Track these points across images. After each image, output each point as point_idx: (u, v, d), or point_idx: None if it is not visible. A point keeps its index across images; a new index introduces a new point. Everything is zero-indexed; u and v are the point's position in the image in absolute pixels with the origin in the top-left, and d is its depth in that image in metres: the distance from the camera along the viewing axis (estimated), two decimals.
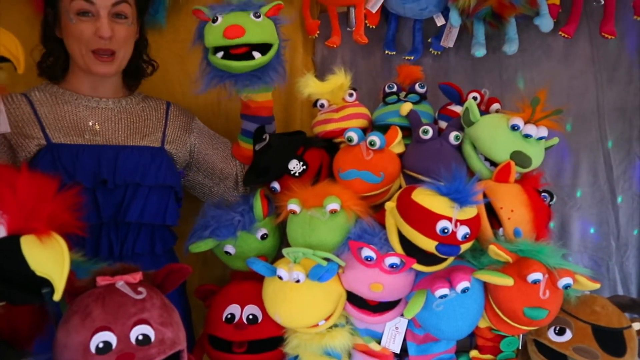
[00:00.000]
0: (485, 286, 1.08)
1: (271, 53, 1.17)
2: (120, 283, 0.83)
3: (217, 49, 1.15)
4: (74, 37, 1.15)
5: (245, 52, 1.14)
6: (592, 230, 1.53)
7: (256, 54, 1.14)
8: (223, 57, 1.14)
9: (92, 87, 1.23)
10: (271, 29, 1.17)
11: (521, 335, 1.15)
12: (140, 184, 1.17)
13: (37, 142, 1.14)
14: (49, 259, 0.77)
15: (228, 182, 1.36)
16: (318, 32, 1.56)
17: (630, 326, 1.09)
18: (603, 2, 1.38)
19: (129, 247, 1.16)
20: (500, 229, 1.10)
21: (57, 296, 0.76)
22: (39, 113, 1.17)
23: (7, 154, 1.14)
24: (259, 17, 1.14)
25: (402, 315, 1.12)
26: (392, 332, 1.15)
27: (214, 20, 1.14)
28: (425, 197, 1.00)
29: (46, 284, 0.78)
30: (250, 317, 1.13)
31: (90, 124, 1.20)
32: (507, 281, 1.01)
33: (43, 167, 1.10)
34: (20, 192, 0.80)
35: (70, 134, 1.17)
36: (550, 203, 1.17)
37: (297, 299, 1.03)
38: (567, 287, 1.01)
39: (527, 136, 1.13)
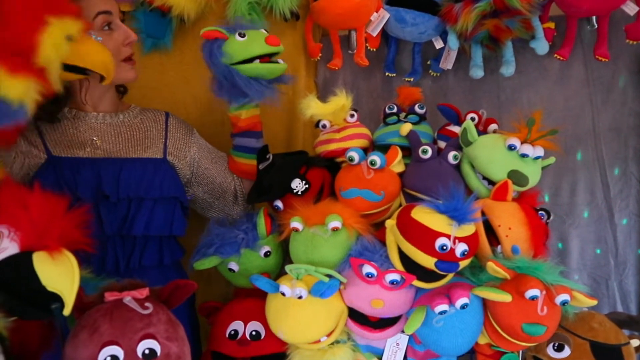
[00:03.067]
0: (484, 303, 1.10)
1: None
2: (127, 298, 0.85)
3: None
4: None
5: (268, 61, 1.22)
6: (598, 251, 1.54)
7: (280, 61, 1.25)
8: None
9: (92, 104, 1.24)
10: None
11: (521, 352, 1.16)
12: (145, 198, 1.18)
13: (38, 156, 1.15)
14: (60, 274, 0.80)
15: (227, 197, 1.38)
16: (320, 54, 1.60)
17: (628, 343, 1.10)
18: (596, 26, 1.42)
19: (135, 261, 1.17)
20: (499, 247, 1.12)
21: (67, 311, 0.79)
22: (41, 128, 1.18)
23: (8, 159, 1.15)
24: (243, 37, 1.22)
25: (402, 331, 1.14)
26: (393, 348, 1.17)
27: (242, 35, 1.20)
28: (425, 215, 1.03)
29: (55, 299, 0.81)
30: (254, 333, 1.15)
31: (92, 138, 1.21)
32: (505, 297, 1.03)
33: (45, 181, 1.10)
34: (32, 211, 0.84)
35: (71, 148, 1.18)
36: (547, 221, 1.20)
37: (300, 315, 1.05)
38: (564, 303, 1.03)
39: (523, 156, 1.16)
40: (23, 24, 0.90)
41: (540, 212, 1.19)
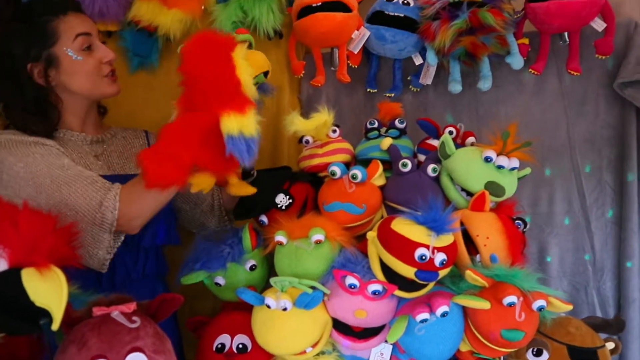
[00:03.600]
0: (465, 310, 1.13)
1: None
2: (115, 313, 0.87)
3: None
4: (83, 72, 1.19)
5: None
6: (587, 257, 1.58)
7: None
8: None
9: (78, 124, 1.26)
10: None
11: (501, 358, 1.19)
12: None
13: None
14: (48, 290, 0.81)
15: (204, 207, 1.40)
16: (303, 72, 1.64)
17: (603, 346, 1.14)
18: (568, 42, 1.48)
19: (140, 270, 1.23)
20: (478, 256, 1.16)
21: (55, 326, 0.80)
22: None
23: None
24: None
25: (386, 341, 1.16)
26: (378, 357, 1.19)
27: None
28: (404, 227, 1.06)
29: (44, 314, 0.83)
30: (240, 346, 1.16)
31: (91, 158, 1.24)
32: (484, 305, 1.06)
33: None
34: (21, 227, 0.85)
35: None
36: (524, 230, 1.23)
37: (285, 327, 1.07)
38: (541, 309, 1.06)
39: (499, 167, 1.20)
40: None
41: (517, 221, 1.22)
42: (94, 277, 1.17)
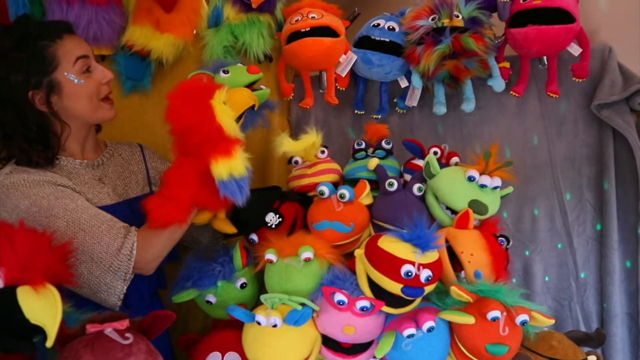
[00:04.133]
0: (451, 325, 1.16)
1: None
2: (108, 330, 0.89)
3: None
4: (85, 95, 1.19)
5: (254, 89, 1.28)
6: (570, 273, 1.62)
7: (262, 86, 1.30)
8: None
9: (80, 149, 1.27)
10: None
11: None
12: None
13: None
14: (43, 308, 0.83)
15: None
16: (293, 94, 1.68)
17: (585, 359, 1.17)
18: (547, 65, 1.54)
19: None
20: (462, 272, 1.19)
21: (49, 343, 0.82)
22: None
23: None
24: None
25: (374, 356, 1.18)
26: None
27: (225, 72, 1.26)
28: (390, 244, 1.10)
29: (38, 332, 0.85)
30: None
31: (87, 187, 1.22)
32: (469, 320, 1.09)
33: None
34: (17, 246, 0.87)
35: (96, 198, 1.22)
36: (507, 247, 1.27)
37: (275, 343, 1.09)
38: (524, 323, 1.09)
39: (482, 186, 1.24)
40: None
41: (500, 238, 1.26)
42: None
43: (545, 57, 1.54)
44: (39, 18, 1.46)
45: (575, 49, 1.47)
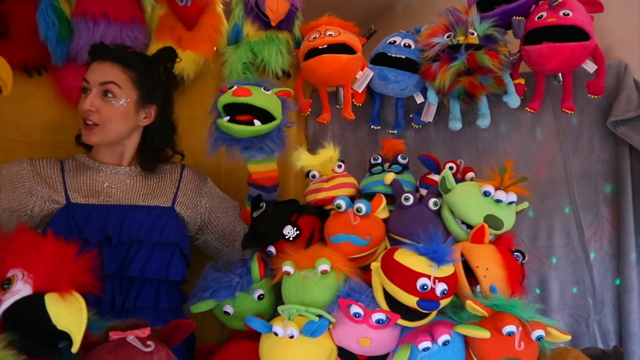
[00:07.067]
0: (466, 340, 1.16)
1: (271, 124, 1.30)
2: (130, 337, 0.92)
3: (226, 113, 1.30)
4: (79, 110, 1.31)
5: (248, 120, 1.28)
6: (575, 290, 1.61)
7: (257, 122, 1.28)
8: (228, 121, 1.28)
9: (110, 157, 1.37)
10: (277, 104, 1.32)
11: None
12: (144, 241, 1.26)
13: (57, 200, 1.27)
14: (70, 314, 0.87)
15: (237, 244, 1.45)
16: (310, 109, 1.71)
17: None
18: (562, 81, 1.55)
19: (131, 301, 1.24)
20: (478, 286, 1.20)
21: (75, 348, 0.85)
22: (66, 178, 1.31)
23: (22, 193, 1.27)
24: (267, 90, 1.31)
25: None
26: None
27: (230, 88, 1.30)
28: (406, 257, 1.11)
29: (63, 338, 0.87)
30: None
31: (105, 185, 1.32)
32: (484, 334, 1.09)
33: (59, 223, 1.23)
34: (44, 255, 0.92)
35: (87, 196, 1.29)
36: (523, 262, 1.27)
37: (292, 354, 1.10)
38: (539, 338, 1.09)
39: (498, 201, 1.25)
40: None
41: (515, 253, 1.27)
42: (108, 303, 1.21)
43: (560, 74, 1.55)
44: (67, 36, 1.52)
45: (590, 66, 1.49)
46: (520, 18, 1.54)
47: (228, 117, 1.29)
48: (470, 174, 1.41)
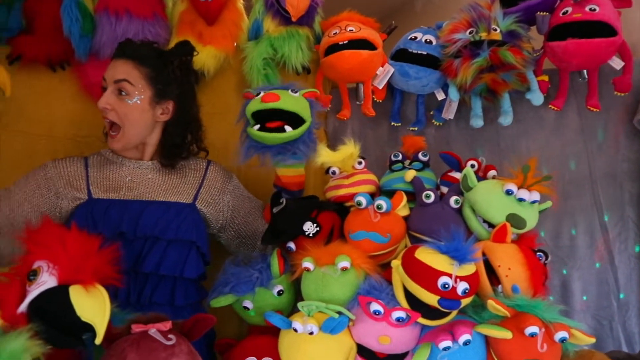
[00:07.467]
0: (487, 340, 1.14)
1: (302, 128, 1.29)
2: (152, 330, 0.92)
3: (255, 121, 1.29)
4: None
5: (278, 126, 1.27)
6: (598, 292, 1.59)
7: (288, 128, 1.28)
8: (259, 130, 1.28)
9: (132, 152, 1.37)
10: (305, 105, 1.31)
11: None
12: (159, 238, 1.27)
13: (80, 197, 1.29)
14: (93, 306, 0.88)
15: (259, 245, 1.45)
16: (330, 105, 1.70)
17: None
18: (587, 78, 1.52)
19: (146, 297, 1.25)
20: (499, 286, 1.18)
21: (98, 340, 0.86)
22: (89, 173, 1.33)
23: (49, 198, 1.30)
24: (295, 92, 1.31)
25: None
26: None
27: (257, 95, 1.29)
28: (427, 255, 1.10)
29: (87, 329, 0.88)
30: None
31: (128, 180, 1.34)
32: (506, 334, 1.07)
33: (78, 218, 1.25)
34: (69, 248, 0.93)
35: (108, 191, 1.31)
36: (545, 262, 1.25)
37: (311, 351, 1.10)
38: (563, 340, 1.07)
39: (520, 200, 1.23)
40: None
41: (538, 253, 1.25)
42: (123, 298, 1.22)
43: (585, 70, 1.52)
44: (90, 32, 1.53)
45: (617, 63, 1.46)
46: (545, 13, 1.51)
47: (258, 125, 1.29)
48: (492, 172, 1.39)
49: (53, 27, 1.51)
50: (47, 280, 0.89)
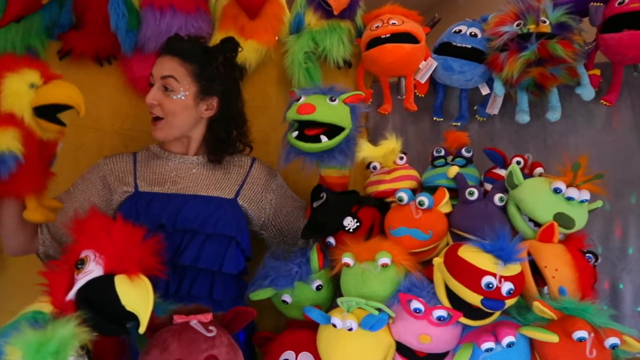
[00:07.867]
0: (532, 343, 1.11)
1: (338, 138, 1.27)
2: (194, 321, 0.94)
3: (294, 127, 1.30)
4: None
5: (316, 134, 1.26)
6: None
7: (323, 138, 1.26)
8: (296, 137, 1.28)
9: (178, 147, 1.41)
10: (344, 113, 1.28)
11: None
12: (198, 231, 1.29)
13: (128, 191, 1.34)
14: (137, 296, 0.89)
15: (301, 243, 1.45)
16: (371, 100, 1.69)
17: None
18: None
19: (185, 289, 1.27)
20: (545, 287, 1.14)
21: (142, 329, 0.88)
22: (137, 168, 1.38)
23: (104, 194, 1.36)
24: (334, 100, 1.28)
25: None
26: None
27: (298, 99, 1.29)
28: (471, 254, 1.07)
29: (131, 318, 0.90)
30: None
31: (173, 174, 1.37)
32: (552, 338, 1.04)
33: (124, 210, 1.30)
34: (115, 238, 0.95)
35: (154, 184, 1.35)
36: (595, 264, 1.20)
37: (350, 347, 1.10)
38: (614, 347, 1.03)
39: (569, 199, 1.19)
40: None
41: (587, 254, 1.20)
42: (162, 289, 1.23)
43: None
44: (135, 27, 1.56)
45: None
46: (599, 4, 1.45)
47: (297, 133, 1.29)
48: (539, 170, 1.35)
49: (101, 23, 1.55)
50: (93, 270, 0.91)
